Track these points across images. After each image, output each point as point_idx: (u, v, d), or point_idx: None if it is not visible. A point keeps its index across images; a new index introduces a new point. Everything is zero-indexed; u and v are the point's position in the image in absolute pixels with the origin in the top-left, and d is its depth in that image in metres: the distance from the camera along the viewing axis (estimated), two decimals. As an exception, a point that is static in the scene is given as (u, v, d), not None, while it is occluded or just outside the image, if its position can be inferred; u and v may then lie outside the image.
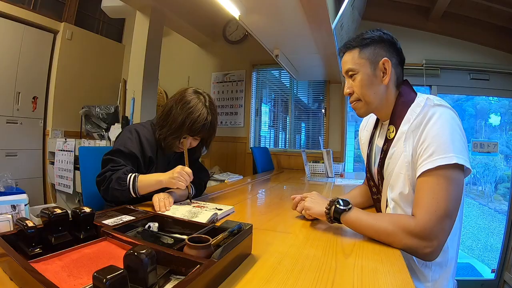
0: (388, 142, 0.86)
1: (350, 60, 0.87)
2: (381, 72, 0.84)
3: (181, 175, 0.98)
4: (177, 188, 1.02)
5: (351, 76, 0.88)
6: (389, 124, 0.87)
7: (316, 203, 0.85)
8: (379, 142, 0.94)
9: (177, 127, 1.07)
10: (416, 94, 0.86)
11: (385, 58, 0.83)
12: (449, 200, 0.69)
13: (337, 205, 0.77)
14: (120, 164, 1.02)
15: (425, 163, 0.72)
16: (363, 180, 1.22)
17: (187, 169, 1.01)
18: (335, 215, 0.77)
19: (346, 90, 0.89)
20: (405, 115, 0.82)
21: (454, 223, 0.71)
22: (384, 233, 0.71)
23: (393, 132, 0.85)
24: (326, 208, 0.80)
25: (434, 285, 0.80)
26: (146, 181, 0.99)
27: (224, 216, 0.94)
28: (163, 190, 1.06)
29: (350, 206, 0.76)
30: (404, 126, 0.81)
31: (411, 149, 0.77)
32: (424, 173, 0.72)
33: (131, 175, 0.98)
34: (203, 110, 1.07)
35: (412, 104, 0.82)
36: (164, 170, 1.15)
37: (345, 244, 0.71)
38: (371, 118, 1.06)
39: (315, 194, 0.90)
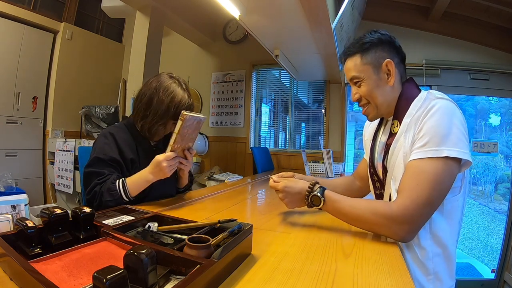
0: (392, 136, 0.88)
1: (352, 67, 0.88)
2: (385, 74, 0.86)
3: (168, 164, 0.95)
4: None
5: (356, 83, 0.89)
6: (393, 119, 0.89)
7: (293, 201, 0.86)
8: (383, 138, 0.96)
9: (162, 114, 1.07)
10: (421, 90, 0.87)
11: (388, 59, 0.84)
12: (433, 188, 0.70)
13: (314, 204, 0.80)
14: (105, 174, 0.99)
15: (417, 151, 0.74)
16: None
17: (169, 154, 0.96)
18: (315, 207, 0.80)
19: (355, 96, 0.91)
20: (408, 109, 0.84)
21: (435, 210, 0.73)
22: (364, 222, 0.75)
23: (397, 126, 0.87)
24: (306, 205, 0.82)
25: (436, 277, 0.81)
26: (136, 183, 0.98)
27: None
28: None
29: (323, 199, 0.78)
30: (406, 119, 0.83)
31: (410, 140, 0.79)
32: (414, 161, 0.74)
33: (118, 182, 0.97)
34: (184, 94, 1.10)
35: (415, 99, 0.84)
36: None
37: (345, 244, 0.71)
38: None
39: (288, 187, 0.85)
